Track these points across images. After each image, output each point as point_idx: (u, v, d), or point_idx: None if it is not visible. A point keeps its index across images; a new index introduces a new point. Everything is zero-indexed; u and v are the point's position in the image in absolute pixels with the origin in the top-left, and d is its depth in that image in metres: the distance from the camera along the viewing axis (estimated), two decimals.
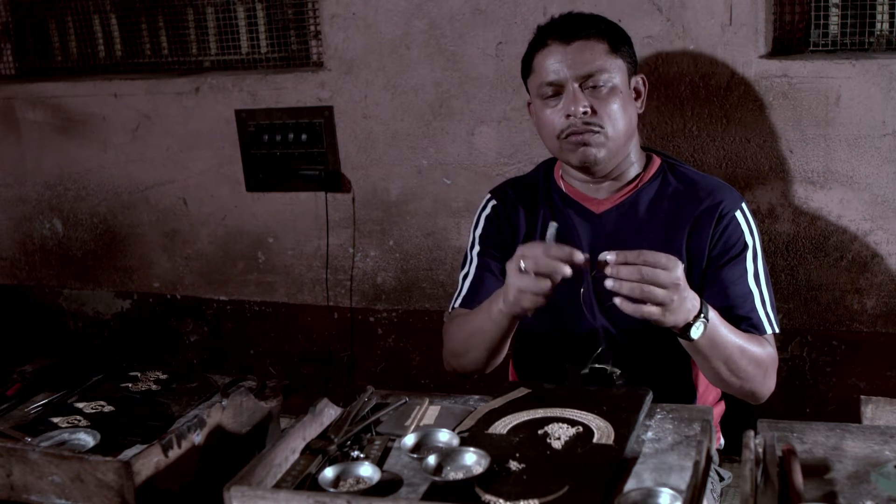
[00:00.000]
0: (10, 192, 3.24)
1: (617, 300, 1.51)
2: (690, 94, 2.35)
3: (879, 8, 2.24)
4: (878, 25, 2.25)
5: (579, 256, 1.54)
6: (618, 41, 1.82)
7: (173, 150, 2.96)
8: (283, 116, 2.78)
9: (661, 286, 1.49)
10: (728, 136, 2.34)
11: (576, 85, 1.77)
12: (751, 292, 1.79)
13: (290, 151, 2.79)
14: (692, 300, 1.56)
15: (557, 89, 1.79)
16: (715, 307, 1.75)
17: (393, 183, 2.73)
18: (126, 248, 3.14)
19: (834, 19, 2.28)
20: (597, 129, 1.76)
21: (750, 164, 2.34)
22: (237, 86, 2.82)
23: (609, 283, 1.50)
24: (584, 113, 1.76)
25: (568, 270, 1.53)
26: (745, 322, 1.77)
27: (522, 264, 1.56)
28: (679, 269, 1.51)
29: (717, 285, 1.78)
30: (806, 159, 2.29)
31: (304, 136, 2.76)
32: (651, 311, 1.51)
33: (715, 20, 2.27)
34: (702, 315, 1.58)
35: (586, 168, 1.82)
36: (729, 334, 1.67)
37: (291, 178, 2.82)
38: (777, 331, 1.81)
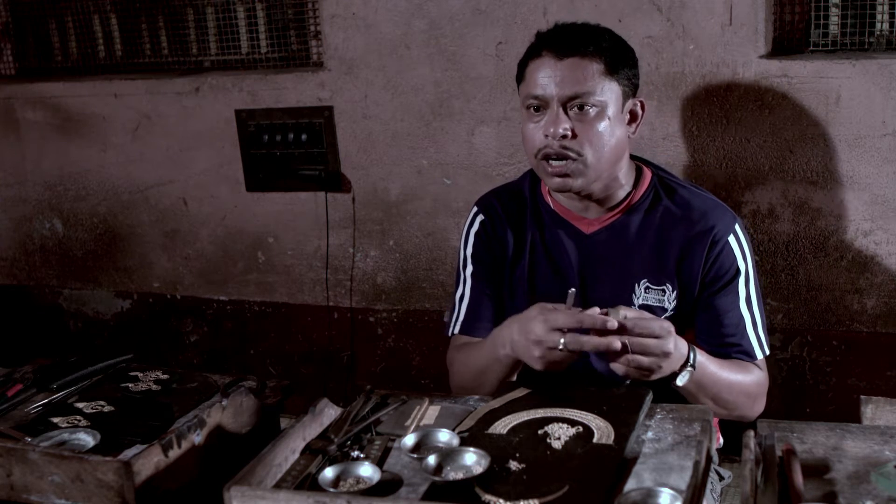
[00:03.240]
0: (10, 192, 3.24)
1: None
2: (690, 94, 2.35)
3: (879, 8, 2.24)
4: (878, 25, 2.26)
5: (613, 323, 1.50)
6: (617, 62, 1.70)
7: (173, 150, 2.96)
8: (283, 116, 2.78)
9: (648, 355, 1.49)
10: (728, 136, 2.34)
11: (560, 105, 1.67)
12: (742, 318, 1.76)
13: (290, 151, 2.79)
14: (680, 349, 1.55)
15: (542, 104, 1.70)
16: (706, 333, 1.75)
17: (393, 183, 2.73)
18: (126, 248, 3.14)
19: (834, 19, 2.28)
20: (573, 155, 1.68)
21: (750, 164, 2.34)
22: (237, 86, 2.82)
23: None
24: (564, 136, 1.67)
25: (618, 345, 1.50)
26: (736, 349, 1.76)
27: (562, 343, 1.51)
28: (671, 340, 1.51)
29: (710, 313, 1.76)
30: (806, 159, 2.29)
31: (304, 136, 2.76)
32: (635, 374, 1.52)
33: (715, 20, 2.27)
34: (689, 363, 1.57)
35: (565, 191, 1.77)
36: (717, 372, 1.65)
37: (291, 178, 2.82)
38: (767, 353, 1.80)
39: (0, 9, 3.12)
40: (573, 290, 1.58)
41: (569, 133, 1.67)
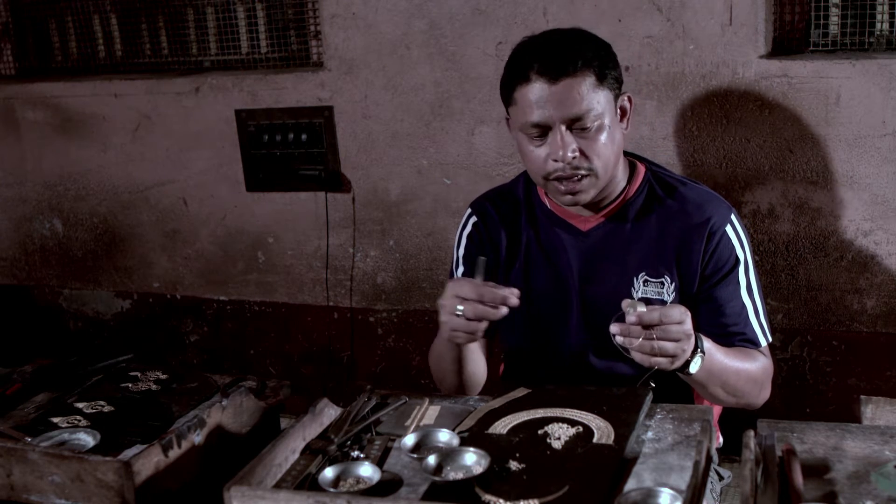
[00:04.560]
0: (10, 192, 3.24)
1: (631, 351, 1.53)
2: (690, 94, 2.35)
3: (879, 8, 2.24)
4: (878, 25, 2.26)
5: (514, 301, 1.54)
6: (604, 67, 1.69)
7: (173, 150, 2.96)
8: (283, 116, 2.78)
9: (672, 340, 1.50)
10: (728, 136, 2.34)
11: (563, 127, 1.66)
12: (744, 307, 1.77)
13: (290, 151, 2.79)
14: (692, 338, 1.56)
15: (543, 130, 1.69)
16: (710, 324, 1.74)
17: (393, 183, 2.73)
18: (126, 248, 3.14)
19: (834, 19, 2.28)
20: (585, 171, 1.69)
21: (750, 164, 2.34)
22: (237, 86, 2.82)
23: (619, 341, 1.51)
24: (574, 157, 1.68)
25: (504, 312, 1.54)
26: (740, 337, 1.76)
27: (460, 309, 1.55)
28: (689, 320, 1.52)
29: (712, 303, 1.76)
30: (806, 159, 2.29)
31: (304, 136, 2.76)
32: (661, 362, 1.52)
33: (715, 20, 2.27)
34: (699, 350, 1.57)
35: (576, 205, 1.77)
36: (724, 359, 1.66)
37: (291, 178, 2.82)
38: (770, 340, 1.80)
39: (0, 9, 3.12)
40: (482, 258, 1.62)
41: (577, 154, 1.68)
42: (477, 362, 1.82)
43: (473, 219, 1.92)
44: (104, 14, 3.05)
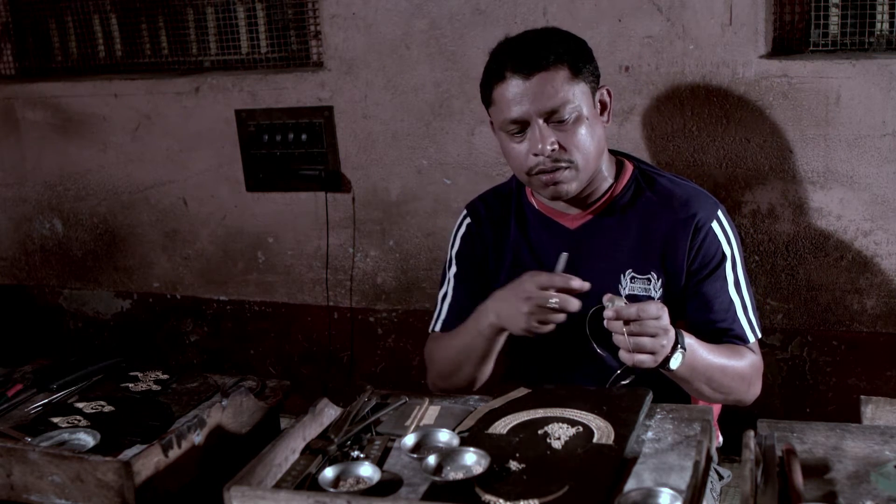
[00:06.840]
0: (10, 192, 3.24)
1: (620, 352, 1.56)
2: (690, 94, 2.35)
3: (879, 8, 2.24)
4: (878, 25, 2.26)
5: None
6: (579, 61, 1.72)
7: (173, 150, 2.96)
8: (283, 116, 2.78)
9: (649, 336, 1.51)
10: (728, 136, 2.34)
11: (541, 121, 1.69)
12: (732, 303, 1.77)
13: (290, 151, 2.79)
14: (671, 330, 1.57)
15: (522, 126, 1.72)
16: (697, 320, 1.75)
17: (393, 183, 2.73)
18: (126, 248, 3.14)
19: (834, 19, 2.28)
20: (566, 164, 1.71)
21: (750, 164, 2.34)
22: (237, 86, 2.82)
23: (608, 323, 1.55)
24: (553, 150, 1.70)
25: (577, 305, 1.58)
26: (728, 333, 1.76)
27: (554, 301, 1.57)
28: (666, 316, 1.54)
29: (699, 300, 1.76)
30: (806, 159, 2.29)
31: (304, 136, 2.76)
32: (643, 359, 1.53)
33: (715, 20, 2.27)
34: (679, 345, 1.58)
35: (559, 198, 1.79)
36: (708, 356, 1.66)
37: (291, 178, 2.82)
38: (759, 336, 1.80)
39: (0, 9, 3.12)
40: (565, 253, 1.62)
41: (556, 146, 1.70)
42: (494, 358, 1.81)
43: (467, 220, 1.95)
44: (104, 14, 3.05)
